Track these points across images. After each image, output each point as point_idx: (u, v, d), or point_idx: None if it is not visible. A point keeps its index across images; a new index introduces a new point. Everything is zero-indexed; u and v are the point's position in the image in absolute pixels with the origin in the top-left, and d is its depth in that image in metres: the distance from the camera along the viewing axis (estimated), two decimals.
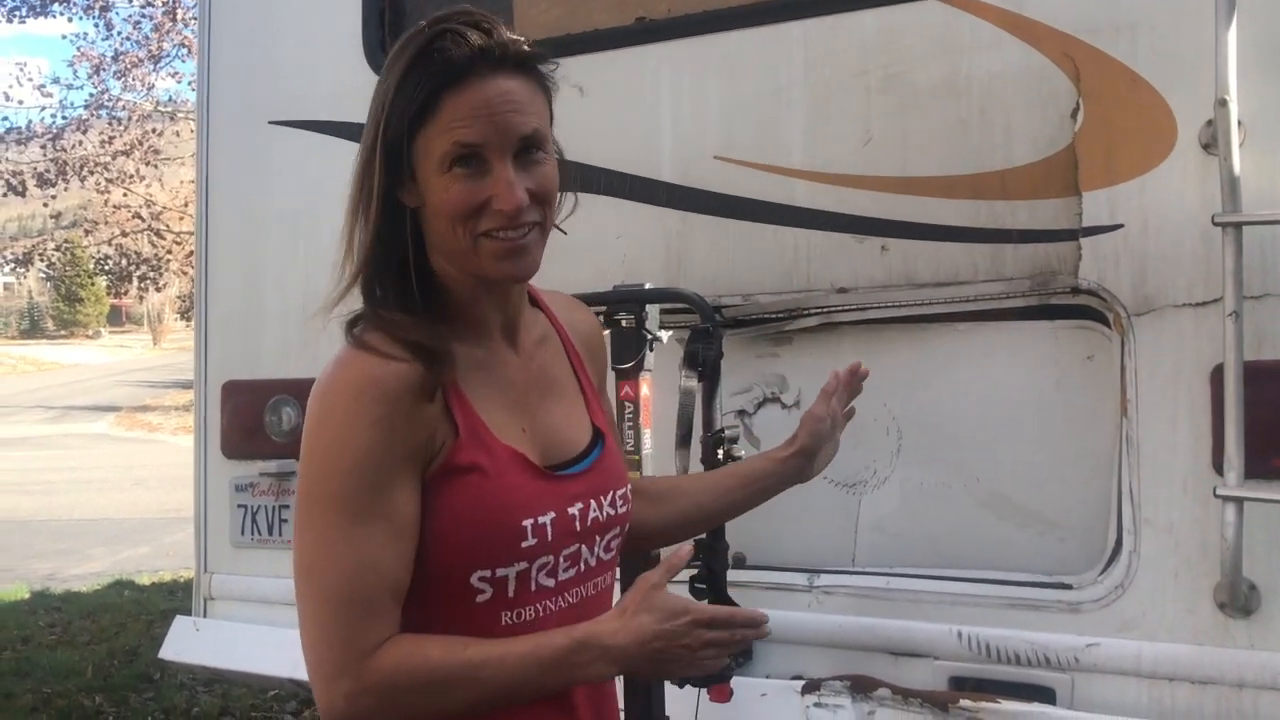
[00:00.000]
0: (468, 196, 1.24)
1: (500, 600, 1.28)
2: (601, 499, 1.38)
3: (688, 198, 2.66)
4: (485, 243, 1.26)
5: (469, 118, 1.23)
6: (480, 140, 1.23)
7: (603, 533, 1.39)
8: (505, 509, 1.27)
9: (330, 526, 1.21)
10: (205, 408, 3.25)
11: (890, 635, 2.41)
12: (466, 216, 1.25)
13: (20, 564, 9.25)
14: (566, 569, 1.34)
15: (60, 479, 14.30)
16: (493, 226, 1.25)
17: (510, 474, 1.29)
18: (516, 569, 1.28)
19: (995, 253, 2.36)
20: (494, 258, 1.26)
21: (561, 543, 1.32)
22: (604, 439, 1.43)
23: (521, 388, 1.37)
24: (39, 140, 12.82)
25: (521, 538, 1.27)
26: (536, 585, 1.30)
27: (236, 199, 3.26)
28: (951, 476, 2.48)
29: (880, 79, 2.47)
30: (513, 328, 1.38)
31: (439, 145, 1.24)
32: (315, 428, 1.24)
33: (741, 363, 2.64)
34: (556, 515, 1.31)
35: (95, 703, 5.14)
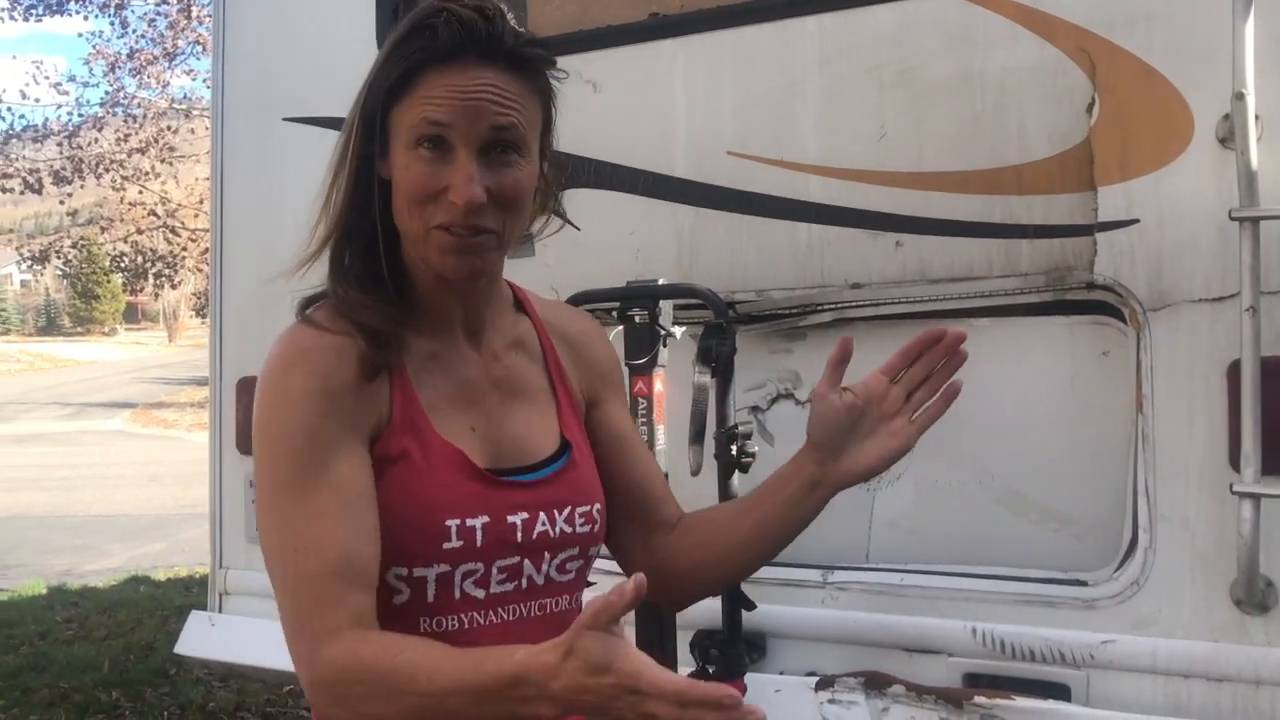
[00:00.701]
0: (426, 180, 1.19)
1: (419, 604, 1.21)
2: (555, 513, 1.28)
3: (701, 193, 2.65)
4: (435, 234, 1.21)
5: (442, 97, 1.19)
6: (448, 120, 1.18)
7: (554, 550, 1.28)
8: (429, 505, 1.20)
9: (276, 509, 1.17)
10: (220, 404, 3.26)
11: (904, 632, 2.40)
12: (422, 201, 1.20)
13: (37, 559, 9.31)
14: (502, 581, 1.24)
15: (77, 475, 14.38)
16: (444, 221, 1.20)
17: (442, 470, 1.22)
18: (436, 571, 1.20)
19: (1010, 248, 2.35)
20: (439, 250, 1.21)
21: (495, 552, 1.23)
22: (571, 451, 1.34)
23: (479, 387, 1.31)
24: (55, 138, 12.87)
25: (444, 538, 1.19)
26: (461, 593, 1.22)
27: (251, 195, 3.27)
28: (966, 473, 2.47)
29: (894, 74, 2.46)
30: (476, 326, 1.32)
31: (409, 118, 1.20)
32: (256, 408, 1.22)
33: (755, 359, 2.64)
34: (490, 520, 1.22)
35: (112, 698, 5.16)
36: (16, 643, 6.21)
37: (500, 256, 1.26)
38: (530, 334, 1.39)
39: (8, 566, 9.19)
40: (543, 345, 1.39)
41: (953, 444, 2.48)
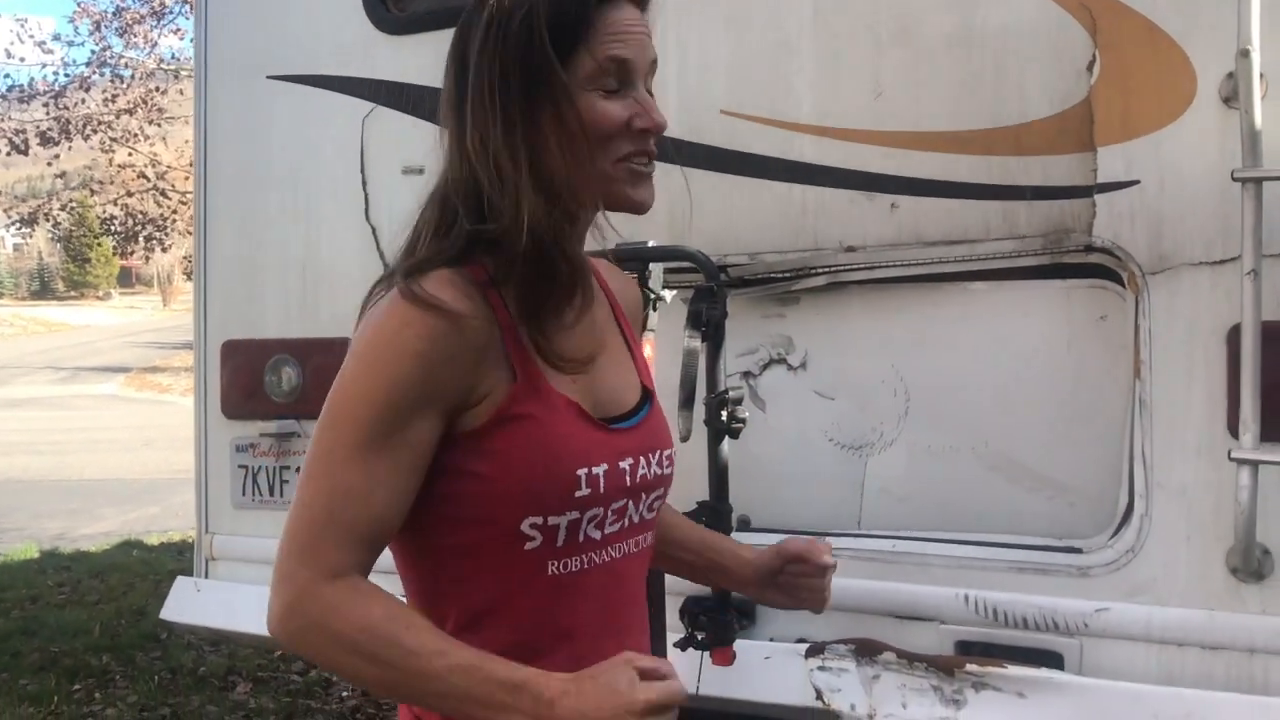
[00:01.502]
0: (617, 112, 1.23)
1: (548, 549, 1.25)
2: (650, 457, 1.34)
3: (693, 153, 2.60)
4: (623, 169, 1.25)
5: (624, 34, 1.23)
6: (632, 57, 1.24)
7: (649, 491, 1.35)
8: (560, 457, 1.24)
9: (337, 444, 1.18)
10: (205, 368, 3.22)
11: (896, 599, 2.38)
12: (612, 135, 1.23)
13: (30, 523, 9.30)
14: (613, 523, 1.31)
15: (70, 439, 14.37)
16: (634, 150, 1.25)
17: (566, 423, 1.26)
18: (568, 518, 1.25)
19: (1008, 210, 2.31)
20: (631, 184, 1.27)
21: (612, 496, 1.29)
22: (652, 399, 1.41)
23: (581, 339, 1.32)
24: (42, 99, 12.71)
25: (575, 487, 1.24)
26: (584, 536, 1.27)
27: (235, 155, 3.21)
28: (960, 439, 2.44)
29: (891, 31, 2.40)
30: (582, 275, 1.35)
31: (593, 58, 1.22)
32: (355, 347, 1.21)
33: (747, 323, 2.60)
34: (609, 468, 1.28)
35: (102, 662, 5.15)
36: (7, 606, 6.19)
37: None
38: (598, 288, 1.41)
39: (1, 530, 9.17)
40: (610, 300, 1.44)
41: (947, 409, 2.46)
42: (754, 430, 2.56)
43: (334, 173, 3.02)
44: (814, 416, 2.58)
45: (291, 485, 3.07)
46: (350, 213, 2.99)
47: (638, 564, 1.36)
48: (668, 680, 1.11)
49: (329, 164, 3.05)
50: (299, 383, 3.06)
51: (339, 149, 3.01)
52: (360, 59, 3.00)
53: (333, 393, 1.21)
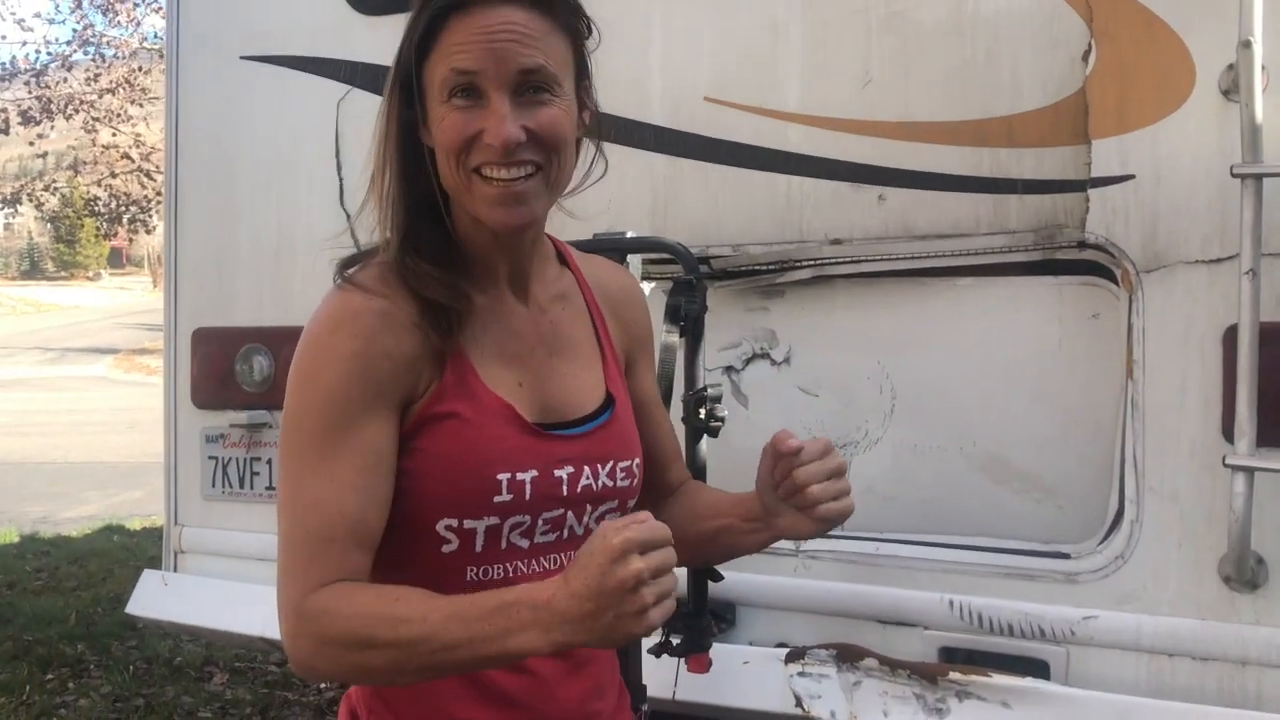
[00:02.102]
0: (461, 127, 1.19)
1: (466, 553, 1.23)
2: (599, 466, 1.30)
3: (676, 141, 2.53)
4: (479, 183, 1.20)
5: (468, 44, 1.18)
6: (476, 68, 1.18)
7: (595, 503, 1.31)
8: (481, 459, 1.22)
9: (296, 463, 1.19)
10: (175, 356, 3.14)
11: (879, 603, 2.32)
12: (459, 149, 1.20)
13: (13, 506, 9.21)
14: (545, 532, 1.27)
15: (57, 421, 14.27)
16: (483, 161, 1.19)
17: (493, 425, 1.23)
18: (486, 523, 1.22)
19: (998, 204, 2.24)
20: (486, 202, 1.21)
21: (542, 505, 1.26)
22: (615, 405, 1.36)
23: (526, 341, 1.31)
24: (23, 77, 12.56)
25: (495, 491, 1.22)
26: (508, 544, 1.25)
27: (207, 137, 3.12)
28: (946, 438, 2.37)
29: (882, 17, 2.33)
30: (522, 278, 1.32)
31: (439, 72, 1.20)
32: (295, 361, 1.22)
33: (730, 316, 2.53)
34: (539, 474, 1.25)
35: (77, 651, 5.07)
36: None
37: (546, 204, 1.27)
38: (574, 288, 1.40)
39: None
40: (586, 300, 1.41)
41: (933, 407, 2.39)
42: (736, 426, 2.49)
43: (308, 157, 2.94)
44: (798, 413, 2.50)
45: (262, 477, 2.99)
46: (324, 198, 2.91)
47: None
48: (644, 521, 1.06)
49: (303, 148, 2.96)
50: (270, 372, 2.98)
51: (313, 132, 2.93)
52: (336, 40, 2.92)
53: (284, 412, 1.21)
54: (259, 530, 2.93)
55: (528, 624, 1.06)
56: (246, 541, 2.95)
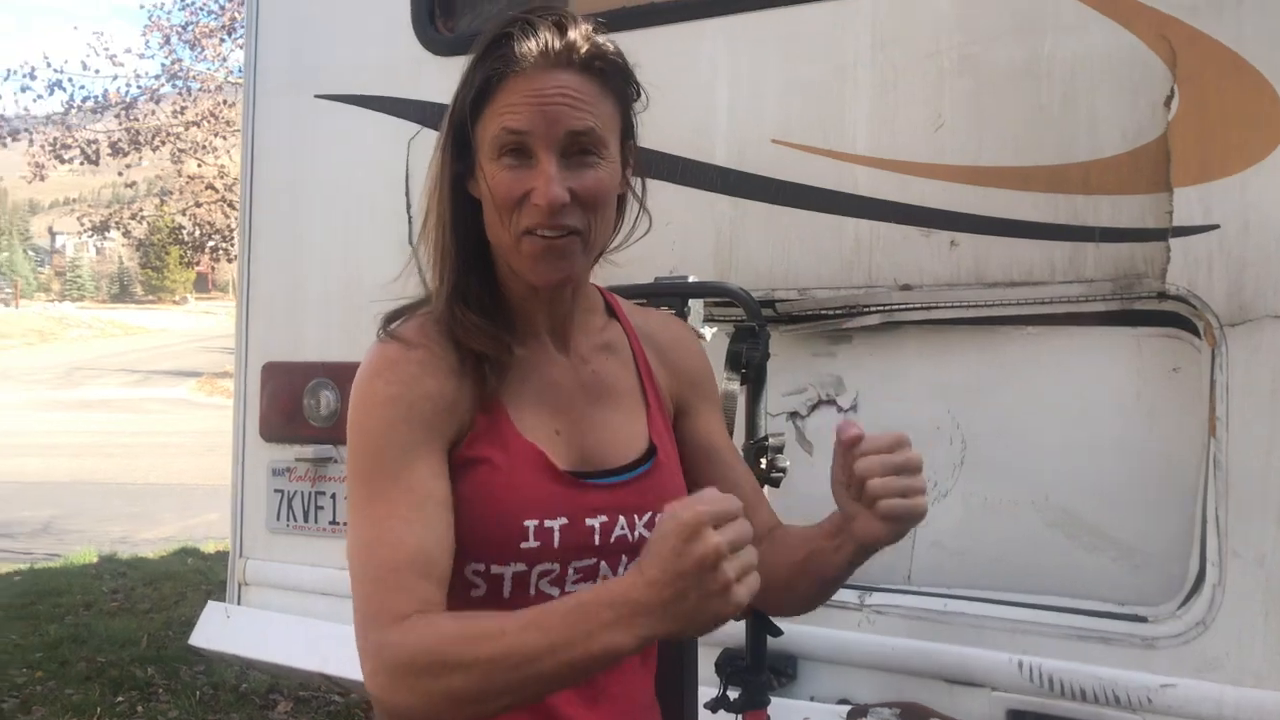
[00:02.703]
0: (510, 186, 1.22)
1: (495, 599, 1.23)
2: (635, 517, 1.30)
3: (742, 183, 2.50)
4: (525, 240, 1.23)
5: (520, 104, 1.22)
6: (526, 128, 1.21)
7: (632, 554, 1.28)
8: (508, 506, 1.23)
9: (356, 505, 1.22)
10: (245, 389, 3.17)
11: (945, 661, 2.24)
12: (509, 208, 1.23)
13: (94, 526, 9.43)
14: (577, 582, 1.26)
15: (139, 442, 14.60)
16: (531, 224, 1.22)
17: (522, 471, 1.24)
18: (513, 569, 1.23)
19: (1075, 252, 2.17)
20: (529, 258, 1.24)
21: (573, 553, 1.25)
22: (656, 455, 1.35)
23: (565, 390, 1.32)
24: (113, 110, 12.99)
25: (521, 538, 1.22)
26: (537, 591, 1.24)
27: (281, 174, 3.17)
28: (1018, 492, 2.29)
29: (954, 60, 2.28)
30: (562, 329, 1.34)
31: (491, 130, 1.23)
32: (349, 413, 1.27)
33: (795, 362, 2.48)
34: (569, 523, 1.24)
35: (147, 674, 5.13)
36: (62, 612, 6.24)
37: (587, 261, 1.29)
38: (620, 338, 1.41)
39: (65, 532, 9.32)
40: (633, 350, 1.41)
41: (1005, 460, 2.32)
42: (802, 474, 2.44)
43: (378, 195, 2.96)
44: None
45: (326, 511, 3.00)
46: (393, 236, 2.92)
47: None
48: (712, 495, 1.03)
49: (374, 186, 2.99)
50: (337, 407, 3.00)
51: (384, 171, 2.95)
52: (407, 79, 2.94)
53: (346, 461, 1.26)
54: (322, 564, 2.93)
55: (609, 622, 1.02)
56: (310, 575, 2.95)
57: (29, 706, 4.77)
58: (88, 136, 13.12)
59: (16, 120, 13.33)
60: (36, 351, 31.05)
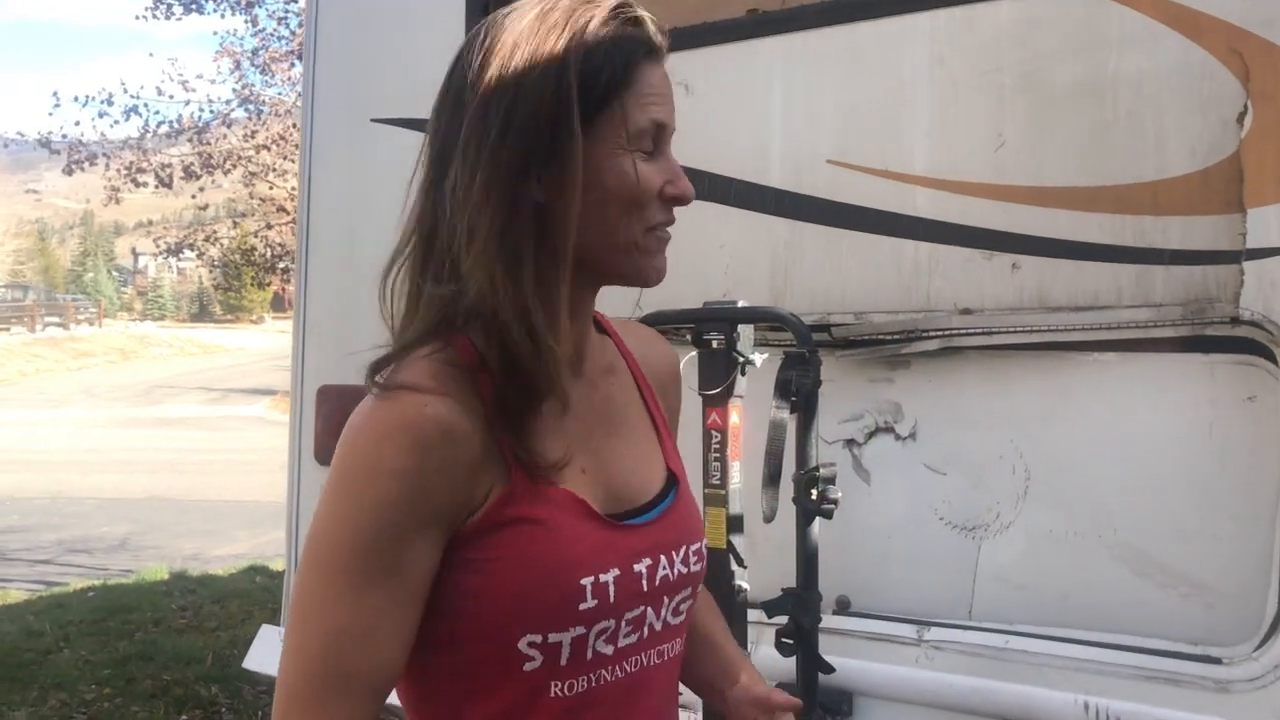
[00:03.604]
0: (650, 179, 1.12)
1: (551, 669, 1.10)
2: (674, 554, 1.18)
3: (798, 205, 2.44)
4: (651, 238, 1.13)
5: (662, 94, 1.13)
6: (668, 120, 1.13)
7: (672, 594, 1.18)
8: (562, 565, 1.08)
9: (324, 581, 1.05)
10: (300, 412, 3.18)
11: (1006, 700, 2.15)
12: (641, 203, 1.11)
13: (168, 543, 9.61)
14: (628, 634, 1.14)
15: (214, 460, 14.85)
16: (663, 219, 1.14)
17: (568, 525, 1.10)
18: (572, 634, 1.09)
19: (1142, 275, 2.08)
20: (652, 255, 1.14)
21: (625, 605, 1.12)
22: (678, 485, 1.24)
23: (584, 421, 1.17)
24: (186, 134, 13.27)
25: (580, 599, 1.08)
26: (593, 653, 1.11)
27: (337, 198, 3.17)
28: (1084, 525, 2.20)
29: (1015, 77, 2.21)
30: (581, 350, 1.19)
31: (635, 118, 1.10)
32: (334, 467, 1.07)
33: (852, 388, 2.42)
34: (620, 573, 1.12)
35: (211, 692, 5.19)
36: (131, 629, 6.34)
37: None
38: (617, 357, 1.28)
39: (140, 548, 9.51)
40: (632, 369, 1.29)
41: (1070, 491, 2.23)
42: (858, 504, 2.38)
43: None
44: (923, 492, 2.37)
45: None
46: None
47: (663, 676, 1.20)
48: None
49: None
50: None
51: None
52: None
53: (314, 519, 1.07)
54: None
55: None
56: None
57: None
58: (162, 160, 13.42)
59: (94, 145, 13.67)
60: (119, 369, 31.80)
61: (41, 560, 9.13)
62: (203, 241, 14.51)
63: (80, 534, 10.10)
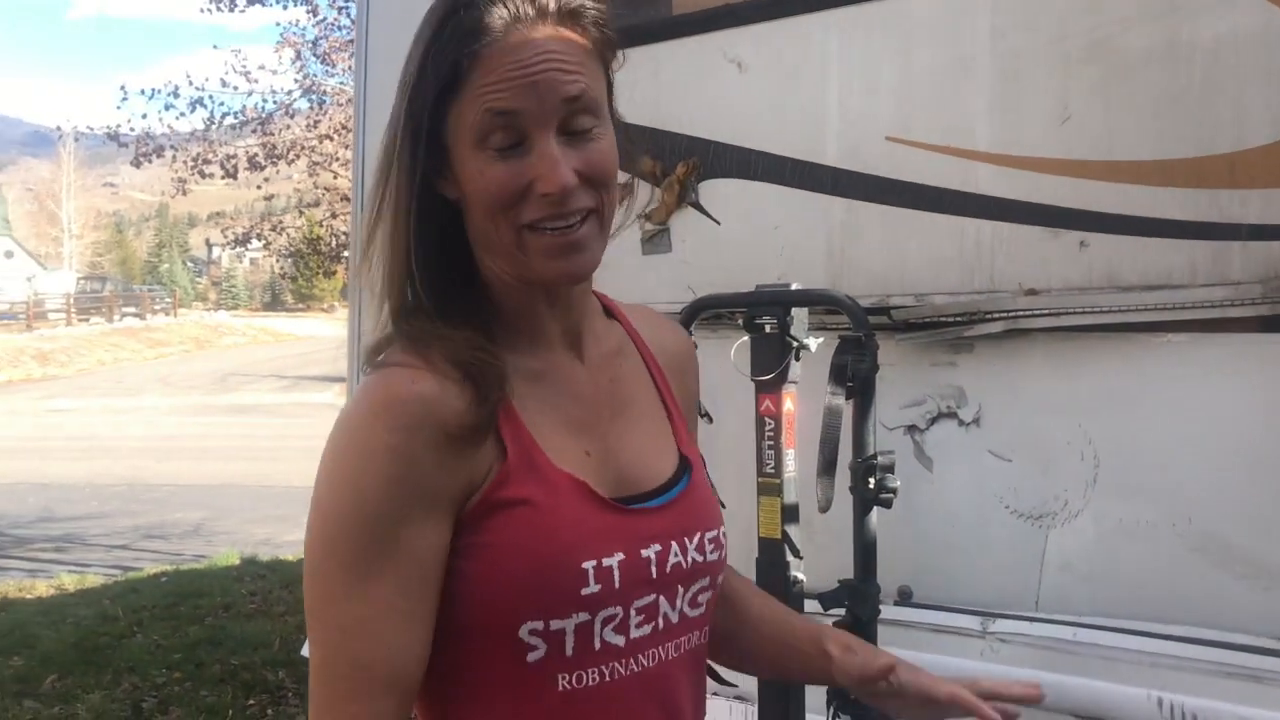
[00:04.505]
0: (506, 179, 1.03)
1: (556, 659, 1.06)
2: (686, 541, 1.14)
3: (855, 184, 2.38)
4: (531, 237, 1.05)
5: (502, 81, 1.02)
6: (516, 107, 1.02)
7: (686, 583, 1.14)
8: (561, 548, 1.05)
9: (326, 576, 1.02)
10: None
11: (1075, 696, 2.08)
12: (507, 205, 1.04)
13: (240, 529, 9.77)
14: (640, 625, 1.10)
15: (286, 446, 15.06)
16: (538, 217, 1.04)
17: (568, 506, 1.06)
18: (576, 621, 1.05)
19: (1219, 251, 1.99)
20: (542, 256, 1.05)
21: (633, 592, 1.08)
22: (691, 470, 1.19)
23: (589, 404, 1.14)
24: (250, 125, 13.41)
25: (581, 583, 1.05)
26: (602, 643, 1.07)
27: None
28: (1156, 513, 2.11)
29: (1081, 46, 2.12)
30: (575, 336, 1.16)
31: (468, 117, 1.03)
32: (325, 457, 1.04)
33: (914, 372, 2.35)
34: (625, 557, 1.08)
35: (278, 677, 5.24)
36: (202, 614, 6.44)
37: (603, 245, 1.10)
38: (626, 341, 1.23)
39: (213, 534, 9.68)
40: (642, 353, 1.24)
41: (1142, 478, 2.14)
42: (920, 491, 2.32)
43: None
44: (988, 479, 2.29)
45: None
46: None
47: (681, 671, 1.15)
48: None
49: None
50: None
51: None
52: None
53: (310, 517, 1.03)
54: None
55: None
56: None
57: (166, 707, 4.93)
58: (228, 152, 13.57)
59: (161, 137, 13.87)
60: (194, 358, 32.45)
61: (118, 545, 9.34)
62: (269, 231, 14.66)
63: (156, 520, 10.31)
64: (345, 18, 11.88)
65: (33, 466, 13.22)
